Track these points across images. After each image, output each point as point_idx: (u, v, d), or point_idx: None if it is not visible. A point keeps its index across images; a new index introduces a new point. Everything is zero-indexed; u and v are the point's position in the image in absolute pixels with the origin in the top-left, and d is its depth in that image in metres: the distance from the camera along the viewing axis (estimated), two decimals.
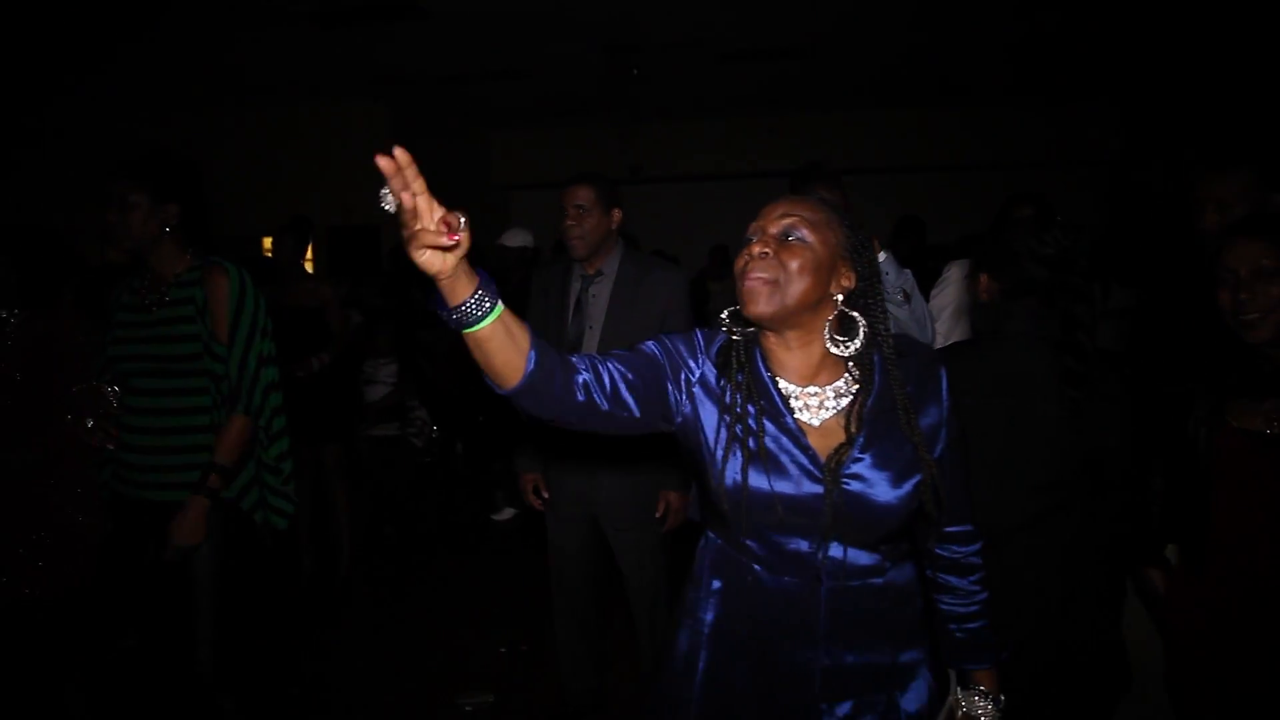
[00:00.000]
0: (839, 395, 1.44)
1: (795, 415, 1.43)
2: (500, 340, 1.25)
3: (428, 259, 1.14)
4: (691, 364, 1.47)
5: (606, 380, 1.39)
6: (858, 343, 1.41)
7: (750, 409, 1.42)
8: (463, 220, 1.13)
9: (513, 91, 9.48)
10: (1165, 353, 2.63)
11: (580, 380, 1.36)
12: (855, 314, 1.42)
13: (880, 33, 7.48)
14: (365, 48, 7.60)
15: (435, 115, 10.37)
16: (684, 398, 1.46)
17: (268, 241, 10.80)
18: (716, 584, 1.54)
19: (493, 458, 5.88)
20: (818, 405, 1.44)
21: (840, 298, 1.42)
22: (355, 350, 6.08)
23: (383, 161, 1.08)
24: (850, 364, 1.45)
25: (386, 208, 1.12)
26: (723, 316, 1.48)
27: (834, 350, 1.42)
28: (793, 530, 1.42)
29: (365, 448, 5.66)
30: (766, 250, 1.39)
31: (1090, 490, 1.90)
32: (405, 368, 5.76)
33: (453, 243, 1.12)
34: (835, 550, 1.42)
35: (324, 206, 9.97)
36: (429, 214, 1.12)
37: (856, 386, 1.44)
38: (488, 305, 1.21)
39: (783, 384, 1.45)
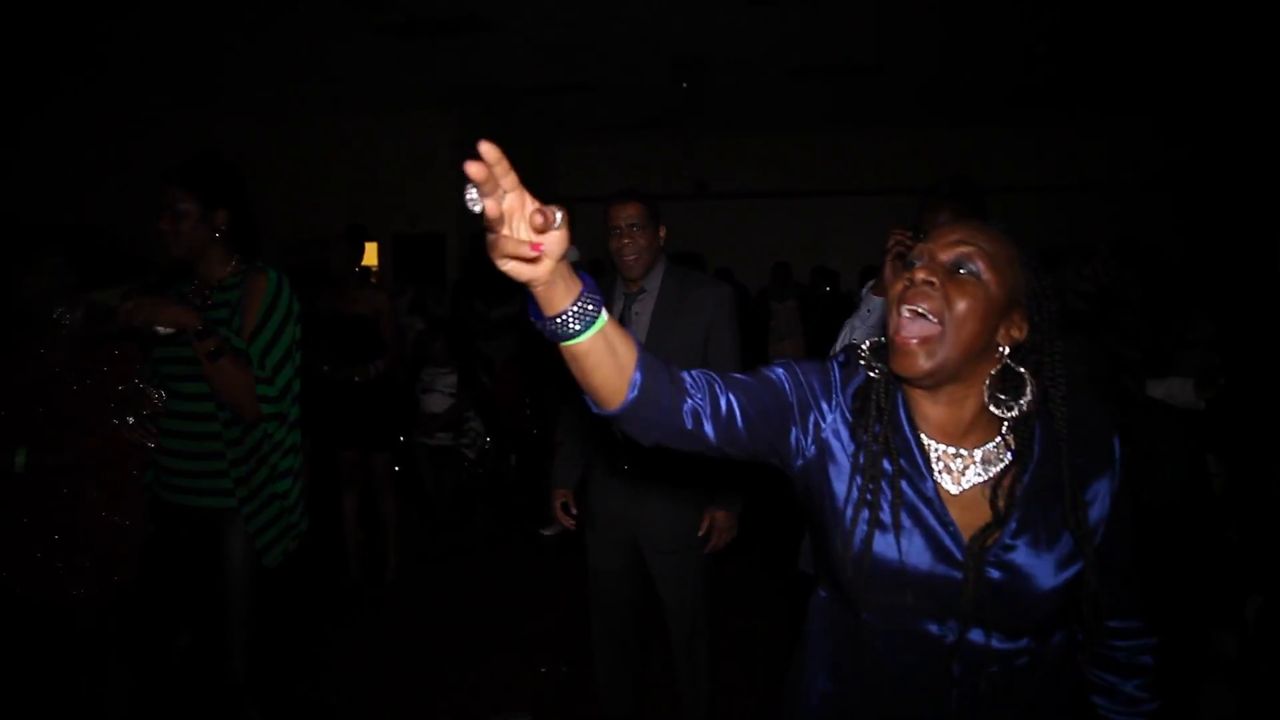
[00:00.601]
0: (987, 462, 1.24)
1: (937, 479, 1.24)
2: (600, 356, 1.10)
3: (513, 268, 1.01)
4: (825, 405, 1.29)
5: (723, 409, 1.23)
6: (1023, 404, 1.19)
7: (887, 468, 1.23)
8: (559, 216, 0.99)
9: (580, 105, 9.54)
10: (1249, 393, 2.47)
11: (689, 407, 1.21)
12: (1022, 370, 1.20)
13: (950, 50, 7.33)
14: (437, 59, 7.71)
15: (502, 126, 10.47)
16: (809, 441, 1.29)
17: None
18: (829, 650, 1.37)
19: (545, 472, 5.85)
20: (960, 470, 1.23)
21: (1006, 350, 1.21)
22: (414, 358, 6.14)
23: (472, 169, 0.96)
24: (1005, 427, 1.23)
25: (473, 209, 1.00)
26: (863, 349, 1.28)
27: (994, 410, 1.21)
28: (922, 612, 1.24)
29: (418, 455, 5.69)
30: (932, 280, 1.17)
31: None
32: (464, 378, 5.77)
33: (535, 254, 0.99)
34: (974, 635, 1.22)
35: (391, 214, 10.13)
36: (517, 216, 0.99)
37: (1008, 455, 1.23)
38: (588, 317, 1.07)
39: (925, 440, 1.25)
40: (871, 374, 1.27)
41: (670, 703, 3.12)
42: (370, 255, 10.03)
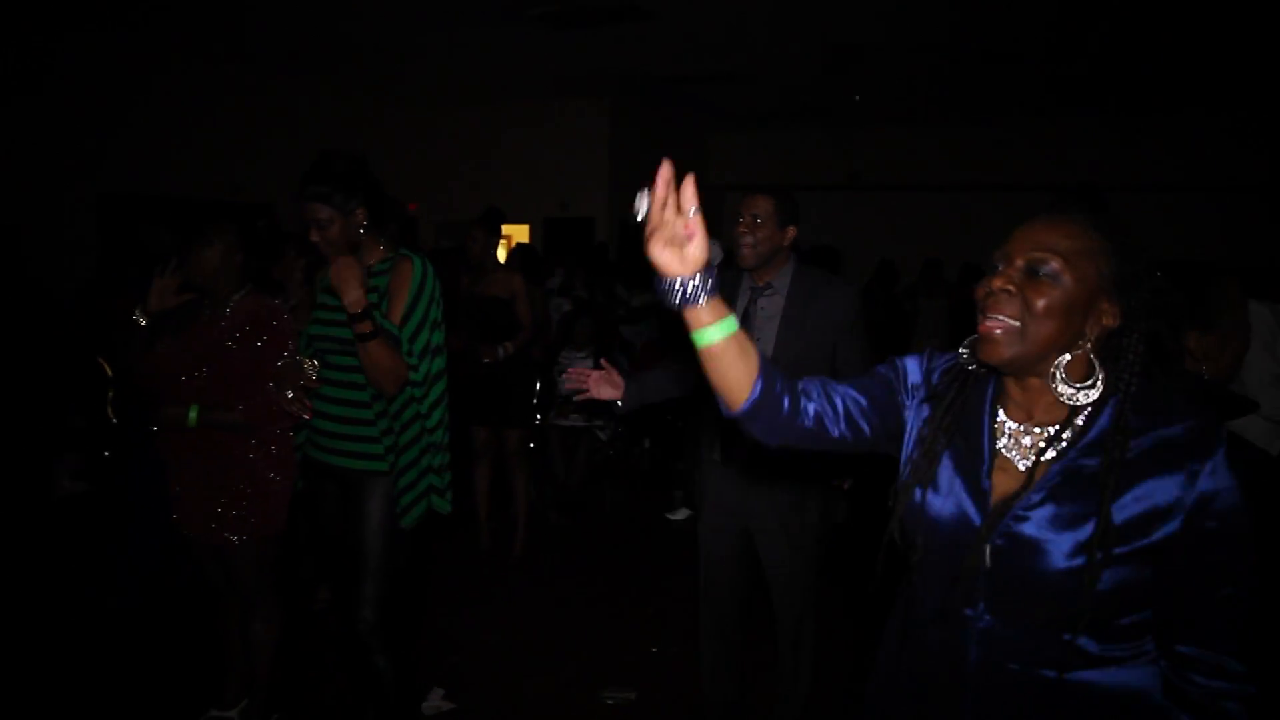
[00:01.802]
0: (1056, 440, 1.23)
1: (1001, 452, 1.27)
2: (732, 358, 1.24)
3: (665, 259, 1.16)
4: (915, 386, 1.40)
5: (840, 407, 1.35)
6: (1094, 394, 1.20)
7: (945, 438, 1.31)
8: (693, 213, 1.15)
9: (733, 94, 9.54)
10: None
11: (811, 410, 1.33)
12: (1095, 360, 1.21)
13: (1111, 39, 6.90)
14: (592, 48, 7.87)
15: (654, 115, 10.59)
16: (905, 415, 1.40)
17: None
18: (898, 618, 1.44)
19: (677, 457, 5.94)
20: (1029, 446, 1.25)
21: (1091, 341, 1.21)
22: (557, 339, 6.34)
23: (664, 173, 1.14)
24: (1076, 408, 1.23)
25: (639, 211, 1.16)
26: (963, 348, 1.33)
27: (1064, 394, 1.22)
28: (948, 579, 1.25)
29: (552, 435, 5.89)
30: (1009, 288, 1.21)
31: None
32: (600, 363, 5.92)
33: (689, 234, 1.14)
34: (991, 619, 1.22)
35: (542, 199, 10.44)
36: (670, 207, 1.14)
37: (1065, 434, 1.22)
38: (723, 319, 1.22)
39: (1001, 417, 1.29)
40: (970, 366, 1.32)
41: (771, 692, 3.15)
42: (521, 237, 10.39)
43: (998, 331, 1.21)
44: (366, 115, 9.86)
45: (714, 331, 1.21)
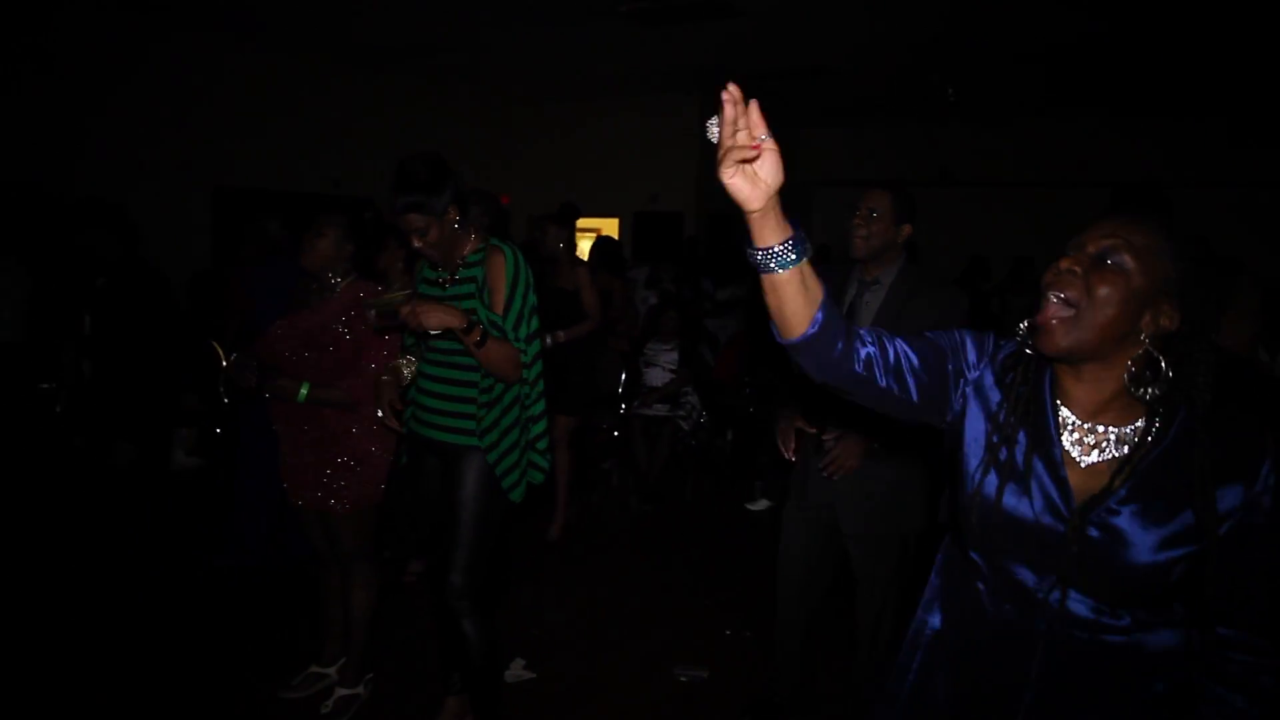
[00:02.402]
0: (1121, 441, 1.30)
1: (1065, 447, 1.33)
2: (794, 290, 1.26)
3: (737, 183, 1.19)
4: (976, 365, 1.43)
5: (892, 357, 1.38)
6: (1156, 389, 1.26)
7: (1020, 429, 1.35)
8: (763, 135, 1.19)
9: (821, 88, 9.49)
10: None
11: (863, 353, 1.35)
12: (1160, 358, 1.26)
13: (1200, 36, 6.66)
14: (681, 44, 7.95)
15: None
16: (958, 396, 1.43)
17: (579, 223, 11.64)
18: (940, 587, 1.52)
19: (758, 449, 6.00)
20: (1093, 444, 1.31)
21: (1149, 336, 1.26)
22: (644, 331, 6.48)
23: (730, 94, 1.19)
24: (1152, 411, 1.29)
25: (711, 136, 1.22)
26: (1021, 327, 1.36)
27: (1132, 390, 1.28)
28: (1023, 561, 1.34)
29: (635, 424, 6.02)
30: (1075, 269, 1.27)
31: None
32: (685, 355, 6.03)
33: (756, 153, 1.18)
34: (1069, 597, 1.31)
35: (632, 193, 10.58)
36: (741, 128, 1.18)
37: (1147, 437, 1.29)
38: (792, 257, 1.24)
39: (1064, 412, 1.35)
40: (1027, 350, 1.36)
41: (844, 680, 3.22)
42: (610, 230, 10.56)
43: (1054, 321, 1.27)
44: (459, 111, 10.16)
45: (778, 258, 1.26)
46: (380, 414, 2.76)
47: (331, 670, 3.24)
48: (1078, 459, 1.32)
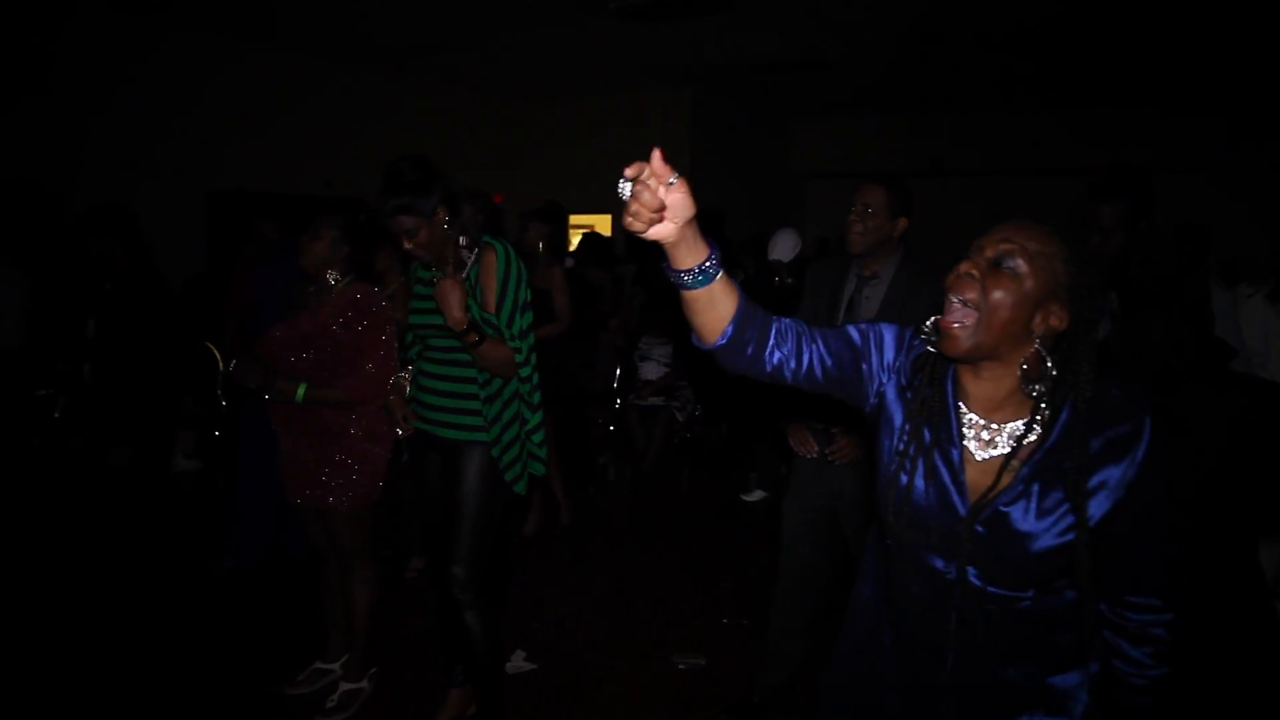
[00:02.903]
0: (1012, 437, 1.40)
1: (965, 445, 1.42)
2: (705, 305, 1.34)
3: (651, 232, 1.24)
4: (889, 367, 1.51)
5: (804, 363, 1.46)
6: (1044, 387, 1.36)
7: (926, 427, 1.44)
8: (675, 182, 1.22)
9: (814, 82, 9.52)
10: None
11: (775, 358, 1.44)
12: (1047, 357, 1.35)
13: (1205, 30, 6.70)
14: (672, 39, 7.97)
15: (737, 104, 10.64)
16: (873, 392, 1.51)
17: (572, 220, 11.66)
18: (873, 563, 1.65)
19: (753, 441, 6.05)
20: (989, 440, 1.41)
21: (1039, 337, 1.35)
22: (638, 327, 6.52)
23: (629, 170, 1.22)
24: (1040, 406, 1.38)
25: (623, 195, 1.23)
26: (925, 326, 1.42)
27: (1025, 389, 1.37)
28: (930, 549, 1.44)
29: (631, 416, 6.07)
30: (974, 272, 1.35)
31: None
32: (679, 349, 6.08)
33: (660, 217, 1.22)
34: (973, 578, 1.41)
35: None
36: (648, 192, 1.20)
37: (1036, 431, 1.38)
38: (702, 279, 1.30)
39: (965, 412, 1.44)
40: (931, 348, 1.44)
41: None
42: (603, 227, 10.57)
43: (956, 326, 1.35)
44: (452, 109, 10.17)
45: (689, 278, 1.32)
46: (400, 431, 2.88)
47: (335, 666, 3.28)
48: (975, 454, 1.42)
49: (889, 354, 1.51)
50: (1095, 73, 8.57)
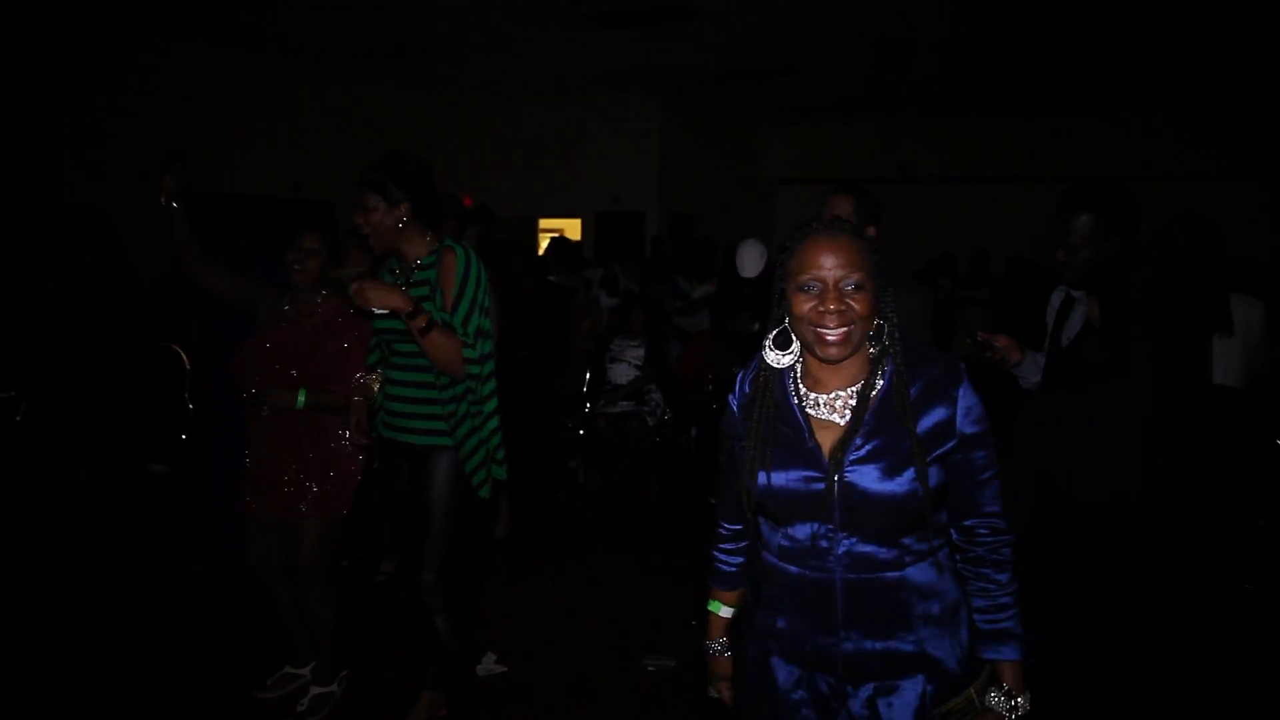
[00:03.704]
0: (854, 395, 1.57)
1: (813, 417, 1.58)
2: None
3: None
4: (735, 411, 1.68)
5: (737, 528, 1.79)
6: (873, 348, 1.56)
7: (772, 419, 1.60)
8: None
9: (781, 88, 9.62)
10: None
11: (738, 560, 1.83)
12: (881, 321, 1.54)
13: (1161, 30, 6.87)
14: (641, 45, 8.03)
15: (705, 110, 10.71)
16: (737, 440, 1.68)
17: (542, 224, 11.67)
18: (756, 586, 1.76)
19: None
20: (842, 405, 1.57)
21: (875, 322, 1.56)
22: (608, 330, 6.55)
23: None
24: (873, 369, 1.57)
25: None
26: (767, 342, 1.60)
27: (871, 351, 1.57)
28: (800, 518, 1.58)
29: (604, 422, 6.10)
30: (840, 307, 1.50)
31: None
32: (651, 353, 6.11)
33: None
34: (847, 543, 1.55)
35: (594, 193, 10.63)
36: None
37: (870, 391, 1.56)
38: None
39: (804, 391, 1.60)
40: (769, 361, 1.60)
41: None
42: (573, 231, 10.60)
43: (835, 349, 1.51)
44: (421, 113, 10.16)
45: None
46: (348, 433, 2.85)
47: (305, 671, 3.28)
48: (830, 418, 1.57)
49: (736, 407, 1.68)
50: (1061, 80, 8.73)
